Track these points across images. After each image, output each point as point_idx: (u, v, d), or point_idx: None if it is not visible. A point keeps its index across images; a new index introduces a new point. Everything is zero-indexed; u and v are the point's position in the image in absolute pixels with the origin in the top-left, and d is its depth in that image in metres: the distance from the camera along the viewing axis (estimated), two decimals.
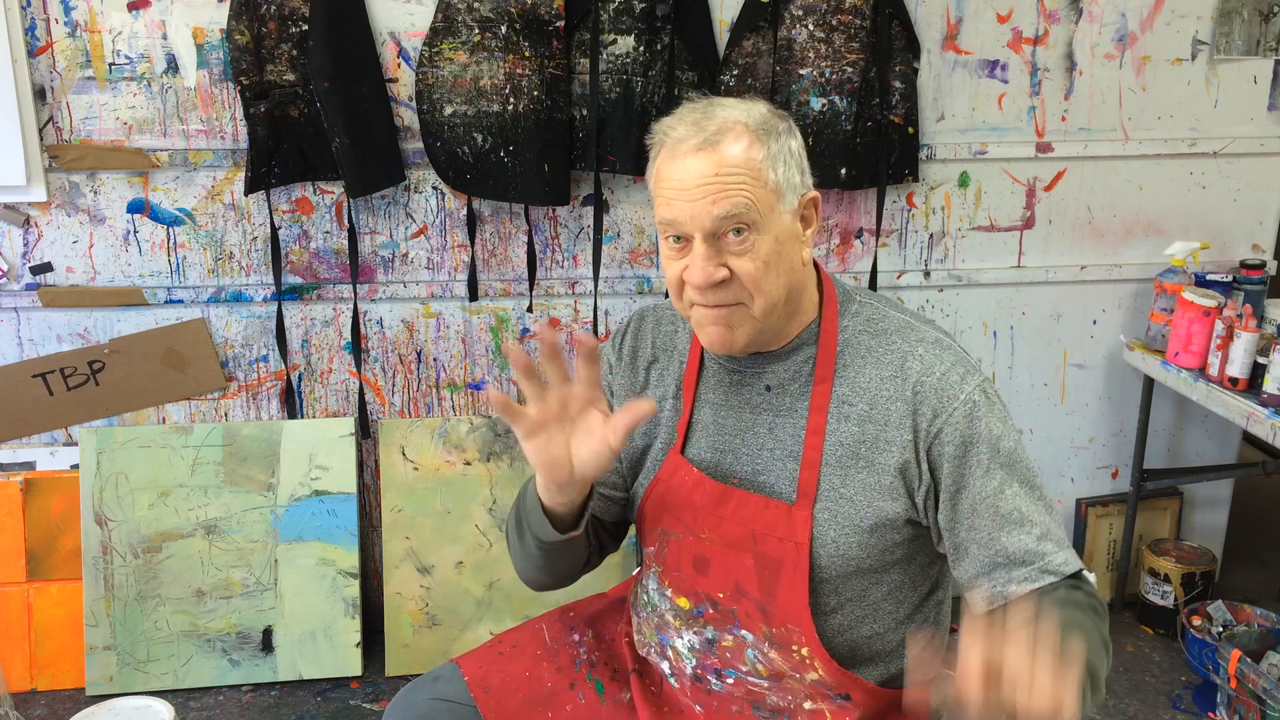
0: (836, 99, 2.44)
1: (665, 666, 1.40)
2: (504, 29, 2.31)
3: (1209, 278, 2.52)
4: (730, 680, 1.34)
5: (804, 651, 1.29)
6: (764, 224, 1.20)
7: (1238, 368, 2.31)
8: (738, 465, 1.33)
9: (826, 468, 1.27)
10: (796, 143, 1.26)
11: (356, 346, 2.51)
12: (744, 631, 1.32)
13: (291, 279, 2.47)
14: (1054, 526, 1.23)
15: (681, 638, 1.37)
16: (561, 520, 1.29)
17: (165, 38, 2.29)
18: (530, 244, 2.50)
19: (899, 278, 2.64)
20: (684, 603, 1.36)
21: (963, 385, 1.24)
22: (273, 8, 2.27)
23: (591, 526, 1.41)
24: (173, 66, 2.31)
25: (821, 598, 1.29)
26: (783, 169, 1.22)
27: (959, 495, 1.23)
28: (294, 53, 2.29)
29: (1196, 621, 2.52)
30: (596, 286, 2.53)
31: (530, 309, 2.55)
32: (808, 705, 1.32)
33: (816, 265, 1.35)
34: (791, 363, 1.31)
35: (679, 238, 1.23)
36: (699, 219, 1.19)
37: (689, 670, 1.36)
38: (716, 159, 1.19)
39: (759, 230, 1.20)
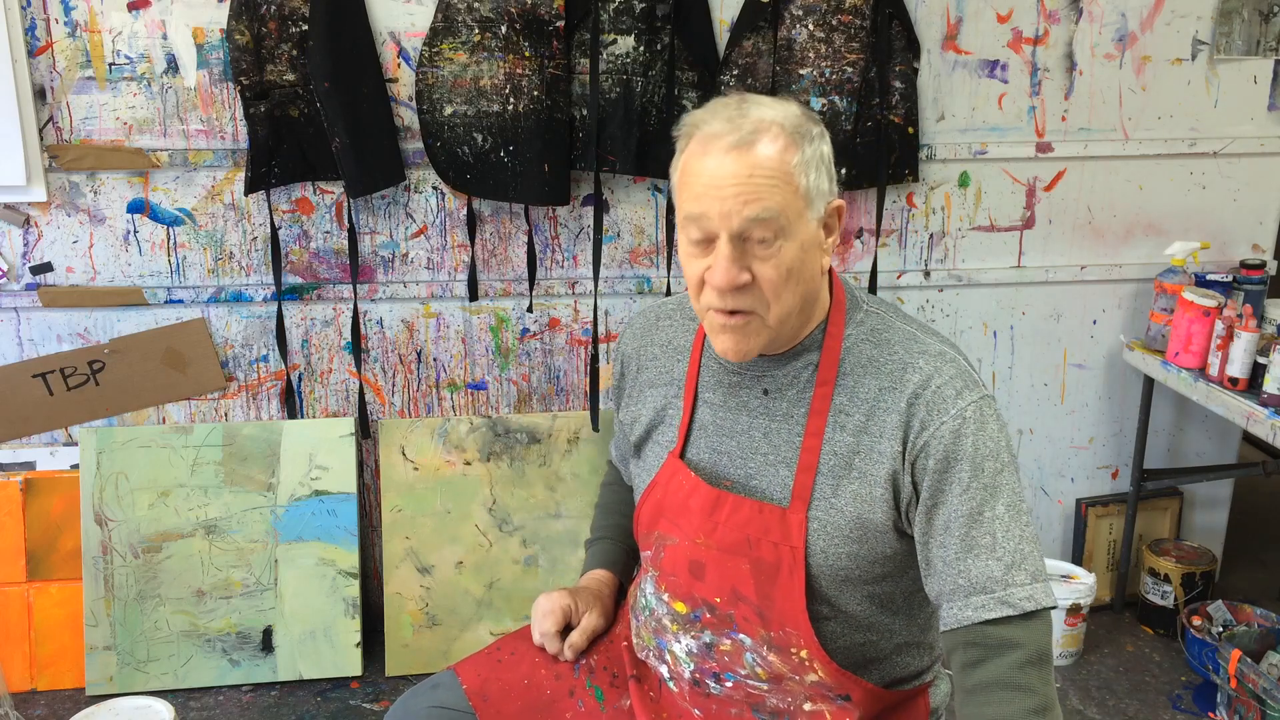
0: (836, 99, 2.44)
1: (664, 670, 1.39)
2: (504, 29, 2.31)
3: (1209, 278, 2.52)
4: (729, 684, 1.33)
5: (803, 654, 1.28)
6: (791, 230, 1.18)
7: (1238, 368, 2.31)
8: (732, 468, 1.32)
9: (820, 475, 1.26)
10: (827, 148, 1.23)
11: (356, 346, 2.51)
12: (742, 635, 1.31)
13: (291, 279, 2.47)
14: (1029, 556, 1.19)
15: (679, 642, 1.36)
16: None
17: (165, 38, 2.29)
18: (530, 244, 2.50)
19: (899, 278, 2.64)
20: (681, 607, 1.35)
21: (957, 400, 1.22)
22: (273, 8, 2.27)
23: None
24: (173, 66, 2.31)
25: (815, 605, 1.28)
26: (814, 175, 1.20)
27: (934, 510, 1.22)
28: (294, 53, 2.29)
29: (1196, 621, 2.52)
30: (596, 286, 2.53)
31: (530, 309, 2.55)
32: (808, 706, 1.31)
33: (830, 269, 1.33)
34: (791, 368, 1.30)
35: (702, 236, 1.20)
36: (729, 218, 1.17)
37: (687, 674, 1.36)
38: (751, 159, 1.16)
39: (786, 236, 1.18)
